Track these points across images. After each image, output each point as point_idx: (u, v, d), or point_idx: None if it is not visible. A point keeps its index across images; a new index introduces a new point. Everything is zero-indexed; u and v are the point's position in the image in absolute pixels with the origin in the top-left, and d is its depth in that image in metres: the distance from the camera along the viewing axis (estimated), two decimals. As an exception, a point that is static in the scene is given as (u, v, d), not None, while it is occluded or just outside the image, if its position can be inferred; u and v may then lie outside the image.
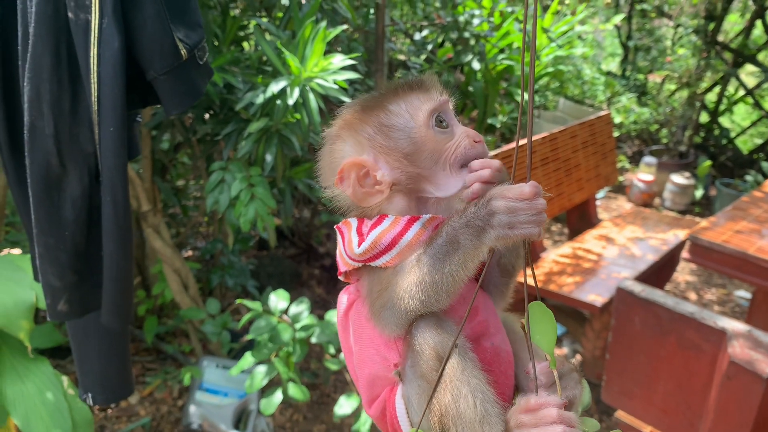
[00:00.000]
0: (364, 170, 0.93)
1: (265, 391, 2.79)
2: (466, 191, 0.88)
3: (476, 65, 4.37)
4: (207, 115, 3.05)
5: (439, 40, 5.11)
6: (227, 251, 3.62)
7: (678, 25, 6.41)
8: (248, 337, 2.53)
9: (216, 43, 2.98)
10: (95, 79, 0.99)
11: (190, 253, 4.11)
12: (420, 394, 0.87)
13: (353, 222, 0.96)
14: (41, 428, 1.96)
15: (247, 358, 2.53)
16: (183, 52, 1.02)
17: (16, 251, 2.94)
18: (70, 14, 1.02)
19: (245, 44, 3.57)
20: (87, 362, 1.30)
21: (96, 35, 0.98)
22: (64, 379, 2.13)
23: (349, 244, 0.93)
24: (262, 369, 2.62)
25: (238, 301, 2.58)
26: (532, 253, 3.71)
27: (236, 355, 3.33)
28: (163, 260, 3.17)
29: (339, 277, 1.00)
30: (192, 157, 3.53)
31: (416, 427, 0.87)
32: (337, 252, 0.98)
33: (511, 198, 0.79)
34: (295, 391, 2.56)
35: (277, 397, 2.60)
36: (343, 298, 1.02)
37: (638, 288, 2.00)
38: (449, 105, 0.98)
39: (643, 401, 2.15)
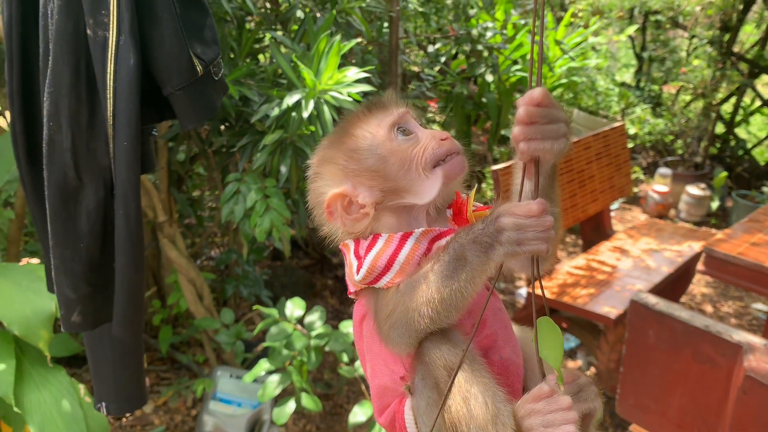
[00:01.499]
0: (346, 199, 0.97)
1: (278, 401, 2.80)
2: (519, 149, 0.85)
3: (489, 77, 4.39)
4: (223, 127, 3.09)
5: (453, 52, 5.13)
6: (242, 261, 3.65)
7: (693, 36, 6.39)
8: (264, 344, 2.54)
9: (232, 56, 3.02)
10: (111, 95, 1.02)
11: (204, 263, 4.14)
12: (429, 405, 0.88)
13: (351, 244, 0.98)
14: (57, 435, 1.98)
15: (262, 365, 2.54)
16: (199, 68, 1.05)
17: (35, 261, 2.99)
18: (89, 31, 1.05)
19: (261, 57, 3.61)
20: (101, 372, 1.32)
21: (113, 52, 1.00)
22: (81, 388, 2.16)
23: (350, 269, 0.95)
24: (275, 378, 2.64)
25: (255, 307, 2.61)
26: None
27: (250, 365, 3.35)
28: (178, 270, 3.20)
29: (350, 296, 1.01)
30: (208, 169, 3.57)
31: None
32: (346, 271, 1.00)
33: (519, 215, 0.80)
34: (308, 401, 2.56)
35: (290, 406, 2.61)
36: (358, 308, 1.04)
37: (652, 300, 1.98)
38: (410, 115, 1.01)
39: (657, 415, 2.13)
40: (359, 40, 3.40)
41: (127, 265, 1.11)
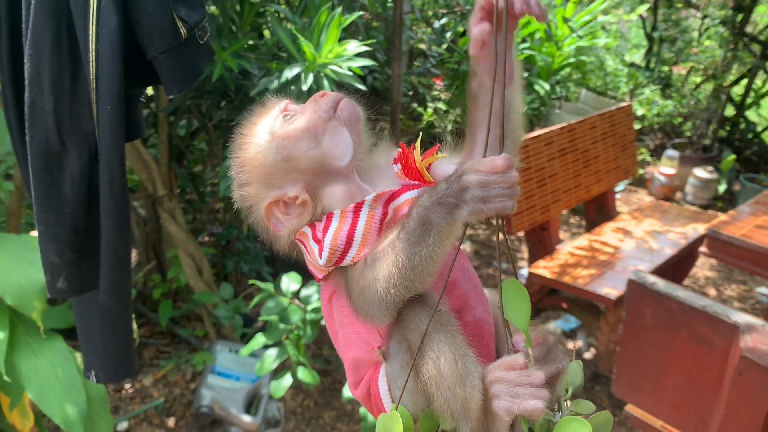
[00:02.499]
0: (279, 205, 0.96)
1: (276, 375, 2.80)
2: (473, 35, 0.85)
3: (495, 54, 4.32)
4: (223, 102, 3.06)
5: (460, 29, 5.06)
6: (242, 237, 3.64)
7: (705, 16, 6.27)
8: (260, 318, 2.55)
9: (233, 29, 2.99)
10: (93, 58, 1.00)
11: (206, 238, 4.14)
12: (403, 368, 0.87)
13: (308, 231, 0.96)
14: (55, 403, 2.00)
15: (258, 339, 2.55)
16: (182, 31, 1.02)
17: (35, 233, 2.99)
18: (70, -8, 1.03)
19: (267, 33, 3.57)
20: (90, 341, 1.31)
21: (94, 13, 0.98)
22: (78, 356, 2.17)
23: (313, 255, 0.94)
24: (272, 352, 2.64)
25: (250, 281, 2.60)
26: (548, 245, 3.68)
27: (249, 340, 3.36)
28: (177, 244, 3.20)
29: (318, 283, 0.99)
30: (209, 143, 3.55)
31: (397, 401, 0.87)
32: (307, 260, 0.98)
33: (483, 171, 0.77)
34: (305, 374, 2.57)
35: (287, 380, 2.61)
36: (325, 288, 1.02)
37: (650, 280, 1.96)
38: (290, 104, 1.00)
39: (653, 396, 2.12)
40: (361, 13, 3.35)
41: (112, 231, 1.10)
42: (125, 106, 1.15)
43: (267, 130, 0.97)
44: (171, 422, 3.04)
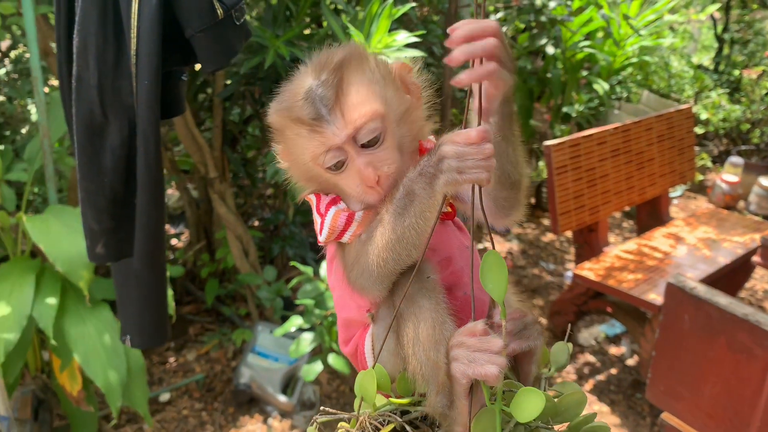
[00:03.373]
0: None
1: (310, 359, 2.86)
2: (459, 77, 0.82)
3: (550, 50, 4.25)
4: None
5: (518, 24, 4.99)
6: (289, 222, 3.72)
7: (781, 18, 5.99)
8: (297, 301, 2.60)
9: (288, 18, 3.05)
10: (135, 34, 1.05)
11: (256, 223, 4.25)
12: (387, 331, 0.90)
13: (313, 198, 0.98)
14: (99, 368, 2.10)
15: (293, 321, 2.60)
16: (219, 11, 1.07)
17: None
18: (115, -29, 1.08)
19: (325, 23, 3.63)
20: (127, 307, 1.39)
21: (137, -8, 1.04)
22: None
23: (315, 224, 0.97)
24: (308, 336, 2.70)
25: (291, 263, 2.66)
26: (595, 246, 3.60)
27: (290, 323, 3.43)
28: (226, 226, 3.30)
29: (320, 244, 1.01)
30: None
31: (375, 360, 0.90)
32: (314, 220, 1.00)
33: (458, 143, 0.79)
34: (336, 361, 2.61)
35: (319, 365, 2.66)
36: (330, 247, 1.05)
37: (689, 285, 1.91)
38: (349, 142, 0.90)
39: (689, 404, 2.07)
40: (413, 5, 3.35)
41: (146, 201, 1.16)
42: (167, 83, 1.21)
43: (309, 158, 0.93)
44: (210, 397, 3.14)
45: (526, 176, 0.95)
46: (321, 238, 0.96)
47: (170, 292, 2.38)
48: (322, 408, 0.92)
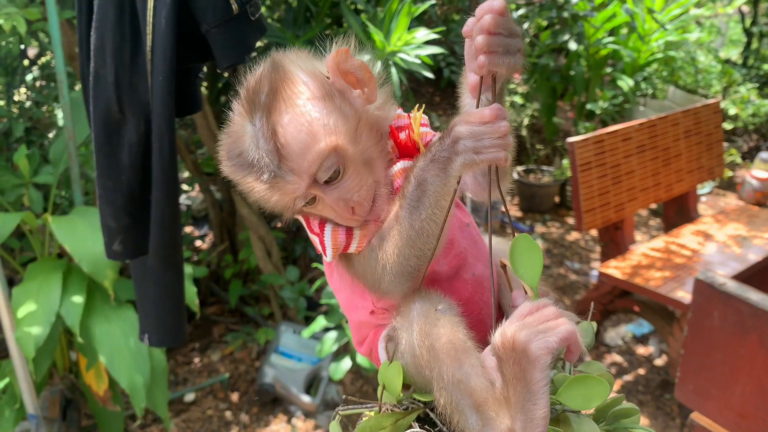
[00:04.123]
0: None
1: (335, 358, 2.86)
2: (473, 64, 0.78)
3: (573, 46, 4.20)
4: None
5: (540, 21, 4.94)
6: (311, 223, 3.72)
7: (812, 10, 5.84)
8: (321, 301, 2.60)
9: (308, 17, 3.05)
10: (150, 30, 1.06)
11: (279, 224, 4.26)
12: (405, 353, 0.85)
13: (302, 219, 0.94)
14: (123, 369, 2.12)
15: (319, 322, 2.60)
16: (234, 6, 1.07)
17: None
18: (132, -31, 1.09)
19: (345, 24, 3.63)
20: (145, 305, 1.39)
21: (153, -12, 1.04)
22: (146, 327, 2.29)
23: (314, 243, 0.94)
24: (332, 335, 2.69)
25: (314, 264, 2.66)
26: (621, 244, 3.54)
27: (311, 322, 3.44)
28: (249, 227, 3.31)
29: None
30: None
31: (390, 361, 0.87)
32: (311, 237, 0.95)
33: (473, 122, 0.76)
34: (363, 359, 2.60)
35: (346, 363, 2.66)
36: None
37: (719, 280, 1.86)
38: (310, 187, 0.85)
39: (719, 403, 2.01)
40: (433, 2, 3.34)
41: (161, 198, 1.16)
42: (184, 80, 1.21)
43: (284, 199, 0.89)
44: (234, 397, 3.15)
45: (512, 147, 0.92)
46: (327, 258, 0.92)
47: (194, 290, 2.40)
48: (345, 397, 0.90)
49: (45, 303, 2.07)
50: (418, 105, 0.97)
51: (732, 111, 5.94)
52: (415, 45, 2.58)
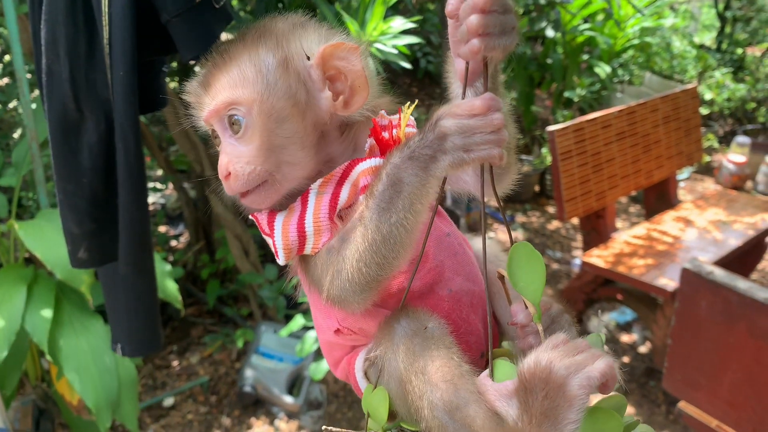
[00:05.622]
0: None
1: (317, 357, 2.79)
2: (463, 49, 0.69)
3: (550, 33, 4.16)
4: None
5: (516, 8, 4.89)
6: (289, 219, 3.65)
7: (784, -6, 5.88)
8: (300, 300, 2.53)
9: (280, 6, 2.97)
10: (107, 21, 0.98)
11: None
12: (390, 384, 0.78)
13: (258, 217, 0.87)
14: (89, 385, 2.04)
15: (297, 320, 2.54)
16: (196, -7, 0.99)
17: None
18: (82, -46, 1.01)
19: (319, 11, 3.54)
20: (116, 314, 1.32)
21: (106, -26, 0.96)
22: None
23: (269, 245, 0.86)
24: (313, 334, 2.63)
25: (291, 261, 2.59)
26: (603, 233, 3.52)
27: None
28: (225, 225, 3.23)
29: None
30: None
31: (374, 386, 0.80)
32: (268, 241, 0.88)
33: (461, 115, 0.67)
34: (344, 359, 2.55)
35: (326, 363, 2.59)
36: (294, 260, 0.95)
37: (707, 269, 1.83)
38: (215, 123, 0.85)
39: (708, 393, 1.99)
40: (408, -10, 3.27)
41: (128, 201, 1.08)
42: (147, 74, 1.13)
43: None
44: (215, 400, 3.08)
45: (514, 136, 0.83)
46: (280, 261, 0.84)
47: (174, 286, 2.31)
48: (324, 428, 0.82)
49: (7, 319, 1.95)
50: (409, 102, 0.89)
51: (707, 96, 5.97)
52: (392, 35, 2.51)
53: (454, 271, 0.87)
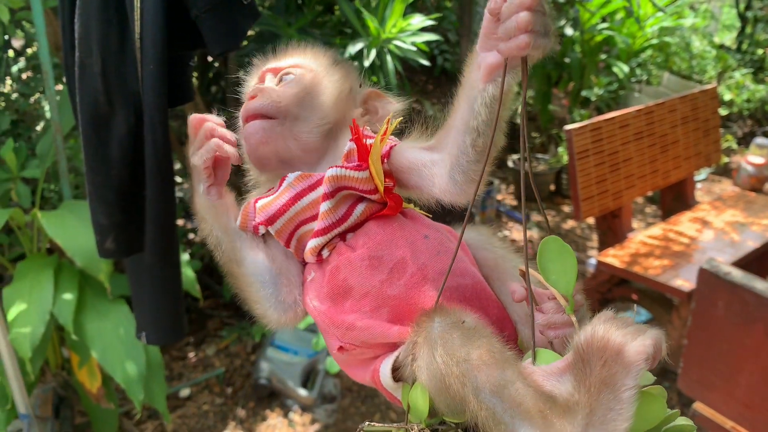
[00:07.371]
0: None
1: (331, 352, 2.82)
2: (509, 44, 0.68)
3: (568, 31, 4.14)
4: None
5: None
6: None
7: (806, -6, 5.81)
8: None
9: (300, 3, 2.99)
10: (138, 16, 1.00)
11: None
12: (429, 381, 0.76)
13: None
14: (116, 362, 2.08)
15: (314, 315, 2.56)
16: (225, -11, 1.02)
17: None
18: (117, -48, 1.03)
19: (337, 9, 3.56)
20: (141, 303, 1.34)
21: (139, -29, 0.98)
22: (139, 322, 2.25)
23: None
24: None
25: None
26: (619, 233, 3.52)
27: (308, 316, 3.39)
28: (242, 219, 3.26)
29: None
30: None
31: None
32: None
33: None
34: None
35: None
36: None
37: (724, 269, 1.83)
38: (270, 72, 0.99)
39: (724, 394, 1.99)
40: (428, -12, 3.28)
41: (155, 193, 1.11)
42: (174, 68, 1.16)
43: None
44: (230, 392, 3.11)
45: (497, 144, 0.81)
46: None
47: (193, 275, 2.35)
48: (367, 423, 0.81)
49: (38, 302, 2.01)
50: (392, 117, 0.94)
51: (727, 96, 5.92)
52: (411, 32, 2.53)
53: (440, 271, 0.85)
